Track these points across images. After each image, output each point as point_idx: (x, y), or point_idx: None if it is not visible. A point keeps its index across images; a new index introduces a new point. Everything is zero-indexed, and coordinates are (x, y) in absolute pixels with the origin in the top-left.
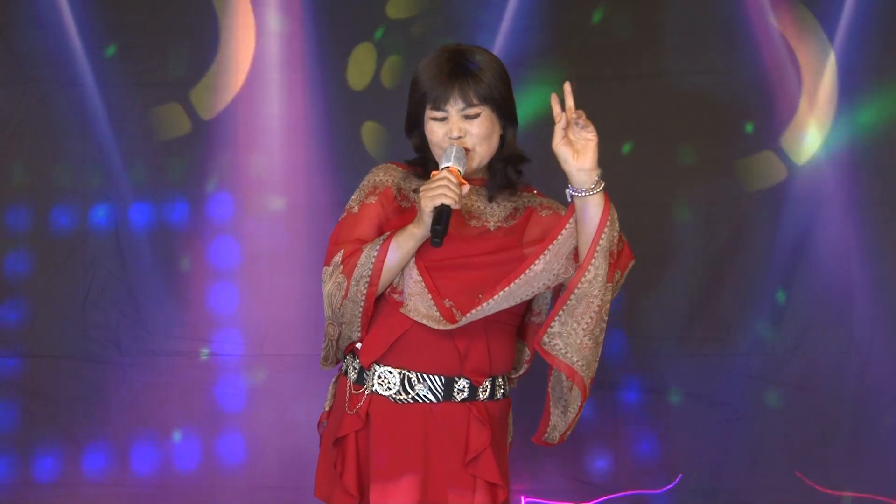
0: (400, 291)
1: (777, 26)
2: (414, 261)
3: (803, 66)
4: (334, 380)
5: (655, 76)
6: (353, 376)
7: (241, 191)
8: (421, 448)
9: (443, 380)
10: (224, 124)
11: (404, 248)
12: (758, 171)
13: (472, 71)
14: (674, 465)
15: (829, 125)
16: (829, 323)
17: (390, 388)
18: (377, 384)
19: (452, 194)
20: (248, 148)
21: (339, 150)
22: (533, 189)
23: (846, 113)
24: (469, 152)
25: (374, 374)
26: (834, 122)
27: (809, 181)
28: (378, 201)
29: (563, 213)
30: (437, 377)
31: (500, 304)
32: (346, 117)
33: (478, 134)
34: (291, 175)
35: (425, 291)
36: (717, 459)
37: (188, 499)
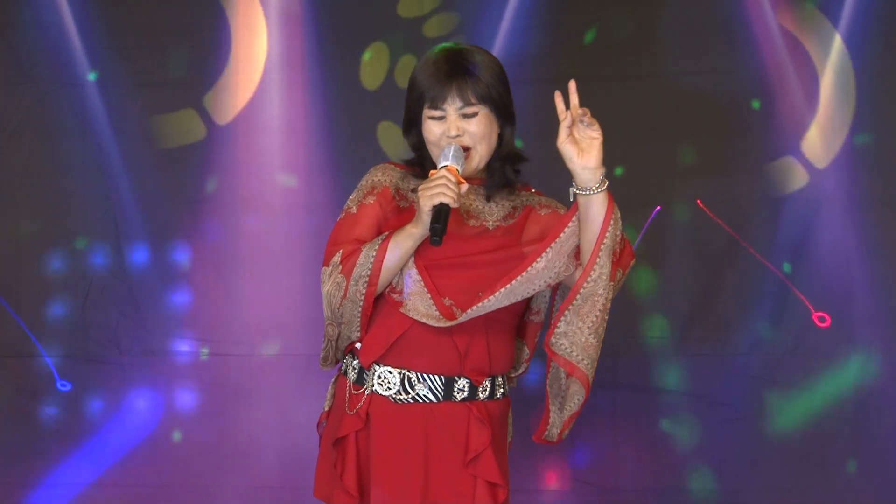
0: (399, 291)
1: (778, 26)
2: (413, 260)
3: (801, 67)
4: (333, 380)
5: (655, 76)
6: (352, 376)
7: (241, 190)
8: (421, 448)
9: (443, 379)
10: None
11: (403, 248)
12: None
13: (470, 70)
14: (674, 465)
15: (829, 125)
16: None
17: (390, 388)
18: (377, 384)
19: (451, 193)
20: (251, 148)
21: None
22: (531, 188)
23: (846, 113)
24: (470, 152)
25: (374, 374)
26: (834, 122)
27: (809, 181)
28: (376, 201)
29: (561, 212)
30: (437, 377)
31: (501, 300)
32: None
33: (476, 133)
34: (300, 175)
35: (424, 291)
36: (717, 459)
37: (188, 499)
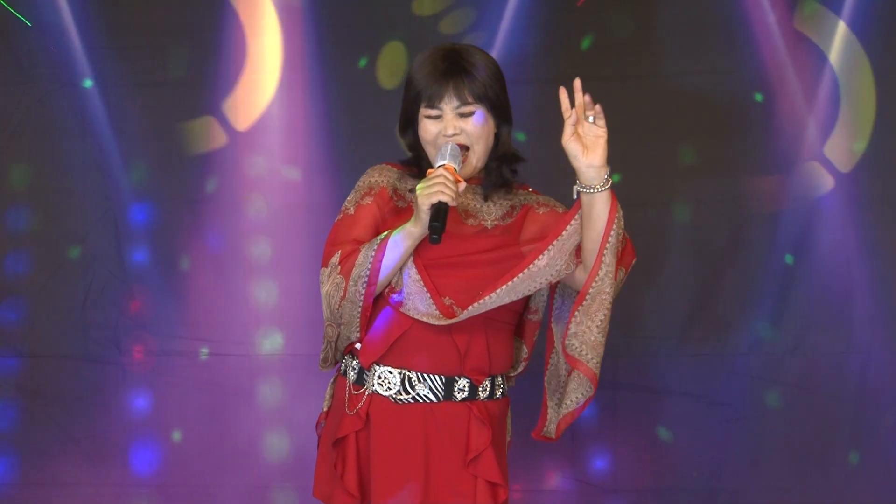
0: (399, 291)
1: (778, 26)
2: (412, 260)
3: (801, 67)
4: (332, 380)
5: (655, 76)
6: (352, 376)
7: (241, 190)
8: (422, 448)
9: (443, 379)
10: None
11: (402, 247)
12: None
13: (466, 69)
14: (674, 465)
15: (829, 125)
16: (829, 323)
17: (390, 389)
18: (377, 384)
19: (450, 191)
20: (255, 149)
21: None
22: (528, 187)
23: (846, 113)
24: (468, 152)
25: (374, 375)
26: (834, 122)
27: (809, 181)
28: (374, 202)
29: (560, 210)
30: (438, 377)
31: (502, 298)
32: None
33: (473, 132)
34: (300, 175)
35: (424, 290)
36: (717, 459)
37: (188, 499)
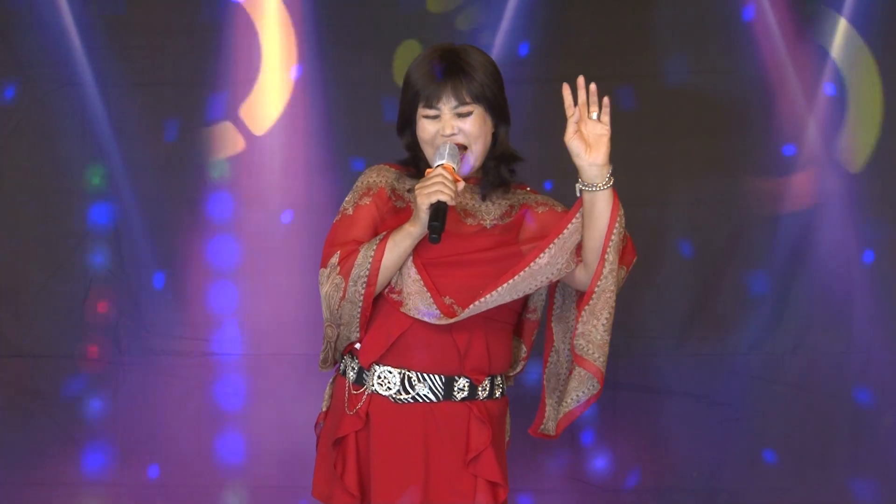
0: (398, 291)
1: (778, 26)
2: (412, 259)
3: (802, 67)
4: (331, 380)
5: (655, 76)
6: (351, 376)
7: (241, 190)
8: (421, 448)
9: (443, 379)
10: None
11: (401, 247)
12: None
13: (464, 69)
14: (674, 465)
15: (831, 124)
16: (829, 323)
17: (390, 388)
18: (377, 384)
19: (448, 191)
20: (258, 149)
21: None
22: (526, 186)
23: (846, 113)
24: (467, 151)
25: (374, 375)
26: (837, 120)
27: (809, 181)
28: (372, 202)
29: (558, 209)
30: (438, 376)
31: (503, 296)
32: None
33: (470, 132)
34: (301, 175)
35: (424, 290)
36: (717, 459)
37: (188, 499)
